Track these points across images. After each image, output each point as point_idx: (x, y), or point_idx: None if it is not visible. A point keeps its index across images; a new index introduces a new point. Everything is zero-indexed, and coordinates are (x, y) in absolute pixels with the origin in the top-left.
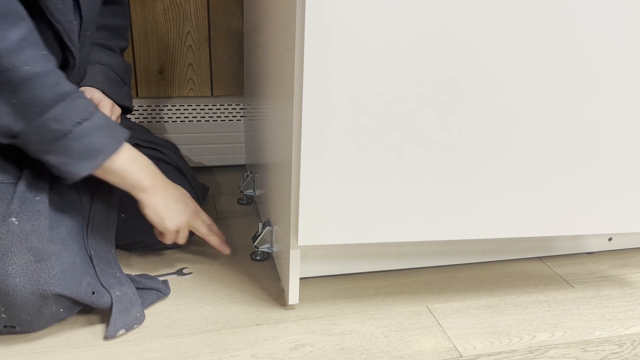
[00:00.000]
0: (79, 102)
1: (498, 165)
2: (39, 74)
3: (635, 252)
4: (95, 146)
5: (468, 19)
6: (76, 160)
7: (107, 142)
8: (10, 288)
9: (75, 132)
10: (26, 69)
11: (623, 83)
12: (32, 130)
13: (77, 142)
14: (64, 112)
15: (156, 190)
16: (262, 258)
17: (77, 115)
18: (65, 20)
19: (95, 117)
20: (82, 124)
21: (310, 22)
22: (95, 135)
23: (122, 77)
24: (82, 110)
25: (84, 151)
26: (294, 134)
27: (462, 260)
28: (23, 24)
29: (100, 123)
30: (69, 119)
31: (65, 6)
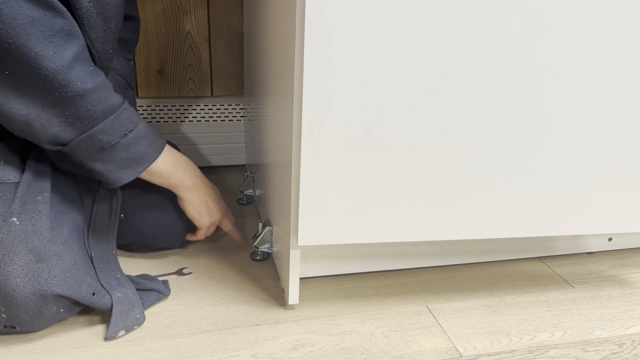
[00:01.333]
0: (126, 114)
1: (498, 165)
2: (90, 89)
3: (635, 252)
4: (139, 155)
5: (468, 19)
6: (121, 168)
7: (149, 151)
8: (11, 288)
9: (122, 143)
10: (79, 85)
11: (620, 81)
12: (82, 141)
13: (123, 152)
14: (112, 124)
15: (197, 189)
16: (262, 258)
17: (124, 127)
18: (103, 50)
19: (138, 127)
20: (127, 135)
21: (310, 22)
22: (139, 144)
23: (128, 80)
24: (129, 122)
25: (129, 160)
26: (294, 134)
27: (462, 260)
28: (77, 42)
29: (143, 133)
30: (116, 131)
31: (106, 36)
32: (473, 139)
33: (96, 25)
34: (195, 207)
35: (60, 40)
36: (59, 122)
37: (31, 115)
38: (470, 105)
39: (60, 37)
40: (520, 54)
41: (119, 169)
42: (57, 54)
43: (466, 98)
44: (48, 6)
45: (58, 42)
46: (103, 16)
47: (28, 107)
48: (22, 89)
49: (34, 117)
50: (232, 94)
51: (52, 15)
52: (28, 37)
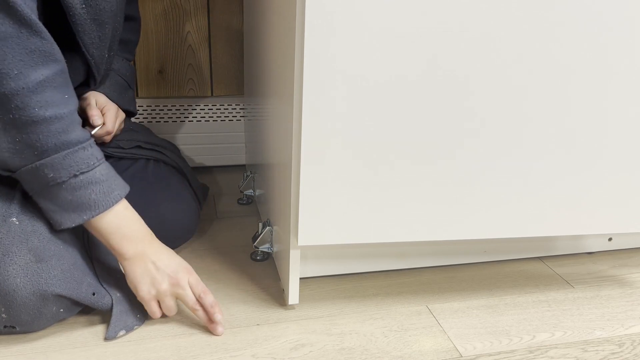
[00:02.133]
0: (82, 153)
1: (498, 165)
2: (47, 118)
3: (635, 252)
4: (86, 201)
5: (471, 20)
6: (63, 211)
7: (98, 199)
8: (11, 288)
9: (69, 183)
10: (36, 112)
11: (623, 83)
12: (27, 171)
13: (68, 193)
14: (62, 161)
15: (136, 259)
16: (262, 258)
17: (75, 167)
18: (98, 55)
19: (94, 171)
20: (78, 176)
21: (311, 22)
22: (88, 189)
23: (128, 81)
24: (82, 163)
25: (73, 204)
26: (294, 134)
27: (462, 260)
28: (52, 65)
29: (98, 178)
30: (65, 169)
31: (101, 41)
32: (474, 142)
33: (90, 31)
34: (130, 280)
35: (31, 61)
36: (8, 147)
37: None
38: (472, 106)
39: (33, 57)
40: (526, 56)
41: (61, 211)
42: (21, 74)
43: (468, 100)
44: (25, 24)
45: (28, 61)
46: (97, 22)
47: None
48: None
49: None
50: (232, 94)
51: (28, 34)
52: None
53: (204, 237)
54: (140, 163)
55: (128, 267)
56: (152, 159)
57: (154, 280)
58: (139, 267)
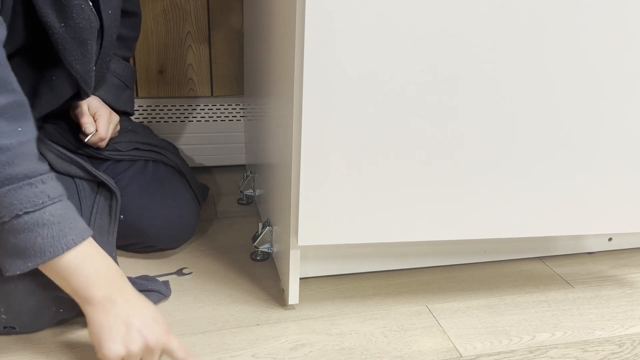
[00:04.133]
0: (27, 190)
1: (498, 166)
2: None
3: (635, 252)
4: (32, 246)
5: (470, 22)
6: (8, 255)
7: (46, 245)
8: (11, 289)
9: (11, 225)
10: None
11: (623, 84)
12: None
13: (10, 236)
14: (3, 198)
15: (105, 307)
16: (262, 258)
17: (18, 206)
18: (83, 70)
19: (42, 211)
20: (21, 216)
21: (311, 22)
22: (35, 232)
23: (125, 81)
24: (27, 201)
25: (17, 248)
26: (294, 134)
27: (462, 260)
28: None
29: (47, 220)
30: (7, 208)
31: (84, 57)
32: (474, 140)
33: (72, 49)
34: (93, 332)
35: None
36: None
37: None
38: (472, 107)
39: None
40: (523, 55)
41: (5, 255)
42: None
43: (468, 100)
44: None
45: None
46: (78, 40)
47: None
48: None
49: None
50: (232, 94)
51: None
52: None
53: (204, 237)
54: (139, 164)
55: (93, 316)
56: (151, 159)
57: (125, 337)
58: (107, 318)
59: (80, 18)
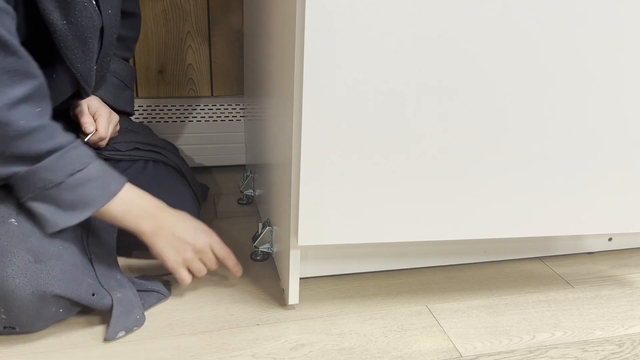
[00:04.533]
0: (74, 153)
1: (498, 165)
2: (34, 128)
3: (635, 252)
4: (86, 198)
5: (468, 22)
6: (63, 211)
7: (98, 195)
8: (10, 289)
9: (68, 183)
10: (22, 124)
11: (622, 82)
12: (24, 177)
13: (68, 193)
14: (57, 161)
15: (155, 232)
16: (262, 258)
17: (70, 167)
18: (84, 69)
19: (89, 168)
20: (74, 175)
21: (310, 22)
22: (87, 187)
23: (125, 81)
24: (76, 162)
25: (74, 202)
26: (294, 134)
27: (462, 260)
28: (29, 82)
29: (94, 175)
30: (62, 170)
31: (86, 55)
32: (474, 140)
33: (74, 47)
34: (156, 252)
35: (9, 80)
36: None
37: None
38: (472, 107)
39: (10, 75)
40: (522, 54)
41: (61, 211)
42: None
43: (468, 99)
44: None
45: (6, 81)
46: (80, 38)
47: None
48: None
49: None
50: (232, 94)
51: (4, 55)
52: None
53: None
54: (139, 164)
55: (150, 242)
56: (151, 159)
57: (178, 249)
58: (161, 240)
59: (83, 16)
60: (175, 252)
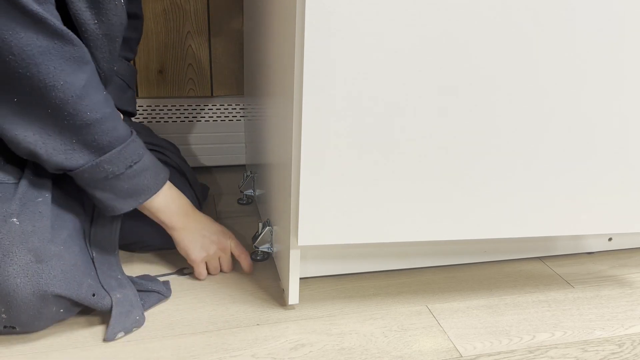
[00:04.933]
0: (133, 145)
1: (497, 165)
2: (99, 119)
3: (635, 252)
4: (141, 187)
5: (467, 22)
6: (121, 198)
7: (151, 184)
8: (11, 289)
9: (126, 174)
10: (88, 115)
11: (622, 82)
12: (86, 169)
13: (125, 183)
14: (119, 155)
15: (186, 228)
16: (262, 258)
17: (129, 159)
18: (108, 68)
19: (143, 159)
20: (132, 167)
21: (311, 22)
22: (142, 176)
23: (127, 82)
24: (134, 154)
25: (130, 190)
26: (294, 134)
27: (462, 260)
28: (87, 67)
29: (148, 165)
30: (122, 162)
31: (111, 55)
32: (474, 140)
33: (102, 46)
34: (182, 247)
35: (70, 68)
36: (64, 149)
37: (38, 143)
38: (471, 106)
39: (71, 64)
40: (521, 54)
41: (119, 198)
42: (67, 84)
43: (468, 99)
44: (57, 35)
45: (68, 70)
46: (109, 37)
47: (35, 135)
48: (31, 116)
49: (41, 144)
50: (232, 94)
51: (62, 44)
52: (37, 68)
53: None
54: None
55: (178, 236)
56: None
57: (203, 245)
58: (188, 235)
59: (113, 14)
60: (200, 248)
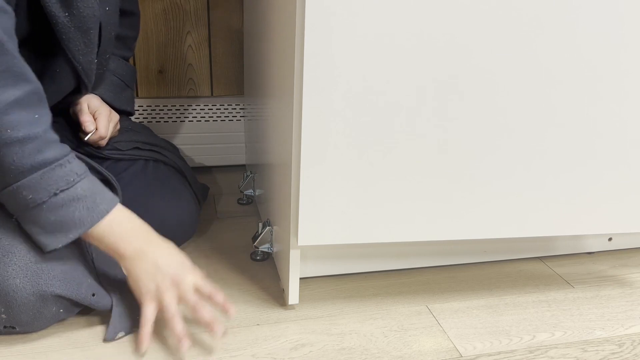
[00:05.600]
0: (60, 171)
1: (498, 165)
2: (20, 139)
3: (635, 252)
4: (70, 219)
5: (467, 20)
6: (49, 233)
7: (83, 216)
8: (11, 289)
9: (50, 203)
10: (8, 133)
11: (622, 83)
12: (6, 195)
13: (50, 214)
14: (40, 180)
15: (136, 258)
16: (262, 258)
17: (54, 186)
18: (85, 61)
19: (75, 187)
20: (58, 195)
21: (310, 22)
22: (71, 207)
23: (125, 81)
24: (61, 180)
25: (57, 224)
26: (294, 133)
27: (462, 260)
28: (23, 85)
29: (80, 194)
30: (44, 189)
31: (87, 47)
32: (474, 140)
33: (75, 39)
34: (132, 281)
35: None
36: None
37: None
38: (471, 106)
39: (3, 77)
40: (523, 54)
41: (45, 233)
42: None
43: (468, 98)
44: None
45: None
46: (81, 29)
47: None
48: None
49: None
50: (232, 94)
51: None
52: None
53: (204, 237)
54: (139, 164)
55: (128, 267)
56: (152, 159)
57: (155, 278)
58: (138, 266)
59: (84, 6)
60: (151, 281)
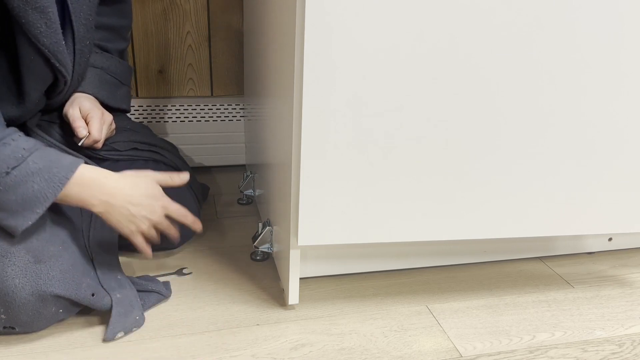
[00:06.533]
0: (6, 149)
1: (498, 165)
2: None
3: (635, 252)
4: (32, 194)
5: (467, 21)
6: (14, 214)
7: (43, 188)
8: (10, 289)
9: (4, 184)
10: None
11: (621, 83)
12: None
13: (9, 194)
14: None
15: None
16: (262, 258)
17: (3, 165)
18: (51, 43)
19: (27, 162)
20: (10, 173)
21: (310, 22)
22: (28, 182)
23: (119, 78)
24: (9, 158)
25: (20, 203)
26: (294, 133)
27: (462, 260)
28: None
29: (34, 168)
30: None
31: (49, 28)
32: (473, 139)
33: (34, 21)
34: (112, 224)
35: None
36: None
37: None
38: (471, 105)
39: None
40: (521, 54)
41: (11, 215)
42: None
43: (467, 98)
44: None
45: None
46: (38, 9)
47: None
48: None
49: None
50: (232, 94)
51: None
52: None
53: (204, 237)
54: (139, 164)
55: (103, 216)
56: (151, 159)
57: (132, 219)
58: (112, 215)
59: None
60: (129, 222)
